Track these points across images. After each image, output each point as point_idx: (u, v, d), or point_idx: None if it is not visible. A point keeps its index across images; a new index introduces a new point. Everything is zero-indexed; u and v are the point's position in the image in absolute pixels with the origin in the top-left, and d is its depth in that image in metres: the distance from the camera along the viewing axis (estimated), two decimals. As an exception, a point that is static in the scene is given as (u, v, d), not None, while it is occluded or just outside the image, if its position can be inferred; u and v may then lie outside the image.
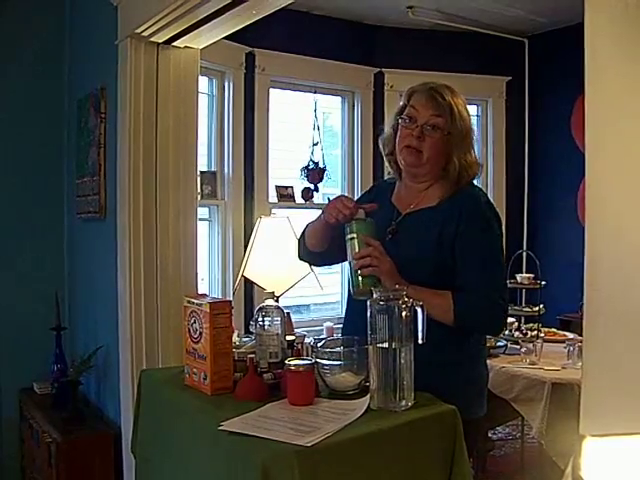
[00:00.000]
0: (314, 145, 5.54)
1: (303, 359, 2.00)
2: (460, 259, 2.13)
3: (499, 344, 3.98)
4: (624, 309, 1.14)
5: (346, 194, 2.41)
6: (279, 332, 2.11)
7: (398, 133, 2.27)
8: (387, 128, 2.38)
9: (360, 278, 2.09)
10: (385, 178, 2.58)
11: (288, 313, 2.58)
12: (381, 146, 2.42)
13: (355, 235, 2.09)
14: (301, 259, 2.58)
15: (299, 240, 2.51)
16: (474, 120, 6.26)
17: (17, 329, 4.00)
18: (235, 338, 2.22)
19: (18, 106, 4.07)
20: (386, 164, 2.44)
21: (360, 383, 2.01)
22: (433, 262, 2.13)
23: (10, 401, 4.06)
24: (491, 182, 6.11)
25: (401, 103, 2.32)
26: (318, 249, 2.41)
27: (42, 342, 3.88)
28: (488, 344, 2.92)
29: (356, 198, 2.46)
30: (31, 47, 4.09)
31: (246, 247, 4.61)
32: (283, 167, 5.64)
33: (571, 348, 3.69)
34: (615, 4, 1.17)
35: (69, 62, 4.19)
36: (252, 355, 2.07)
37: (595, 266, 1.19)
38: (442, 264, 2.12)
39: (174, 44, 3.29)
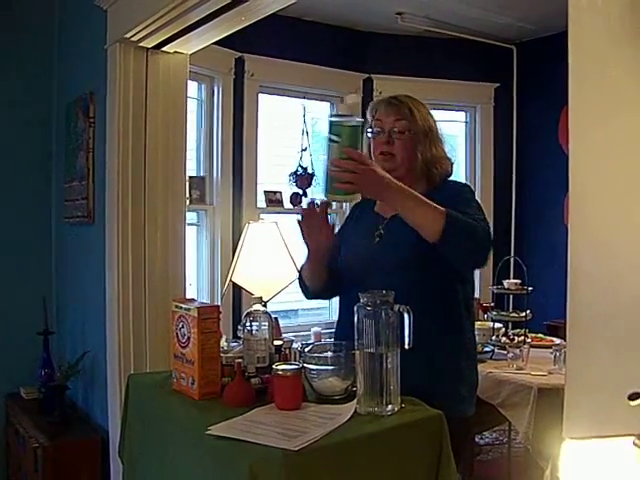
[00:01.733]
0: (303, 150, 5.55)
1: (290, 364, 2.00)
2: None
3: (486, 349, 3.99)
4: (605, 313, 1.16)
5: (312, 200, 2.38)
6: (267, 337, 2.11)
7: (371, 146, 2.36)
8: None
9: (333, 186, 2.00)
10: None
11: (276, 318, 2.58)
12: None
13: (338, 141, 1.94)
14: (312, 299, 2.61)
15: (300, 285, 2.53)
16: (462, 126, 6.30)
17: (4, 333, 3.98)
18: (223, 343, 2.23)
19: (6, 109, 4.06)
20: None
21: (347, 388, 2.02)
22: (421, 257, 2.13)
23: (-4, 406, 4.05)
24: (479, 188, 6.12)
25: (368, 120, 2.40)
26: (322, 285, 2.43)
27: (29, 346, 3.87)
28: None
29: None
30: (20, 51, 4.09)
31: (234, 252, 4.61)
32: (272, 172, 5.64)
33: (558, 353, 3.71)
34: (597, 17, 1.19)
35: (58, 66, 4.18)
36: (240, 360, 2.08)
37: (577, 270, 1.20)
38: (430, 258, 2.12)
39: (163, 49, 3.30)
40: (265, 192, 5.42)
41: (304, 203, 2.58)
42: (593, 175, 1.22)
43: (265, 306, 2.23)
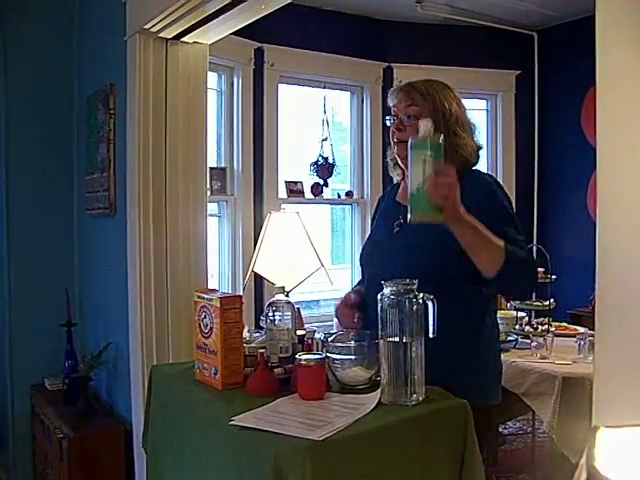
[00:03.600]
0: (323, 140, 5.55)
1: (314, 354, 1.99)
2: None
3: (509, 339, 3.97)
4: (636, 299, 1.14)
5: (347, 296, 2.37)
6: (290, 327, 2.11)
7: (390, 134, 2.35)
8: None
9: (427, 201, 1.86)
10: (365, 198, 2.66)
11: (298, 308, 2.58)
12: (388, 159, 2.52)
13: (429, 156, 1.85)
14: None
15: None
16: (484, 114, 6.25)
17: (28, 325, 4.02)
18: (245, 333, 2.22)
19: (27, 103, 4.08)
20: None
21: (371, 377, 2.00)
22: (443, 245, 2.10)
23: (22, 397, 4.08)
24: (501, 176, 6.08)
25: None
26: None
27: (53, 338, 3.90)
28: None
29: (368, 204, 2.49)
30: (40, 44, 4.10)
31: (256, 242, 4.61)
32: (292, 162, 5.65)
33: (582, 342, 3.68)
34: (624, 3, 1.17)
35: (78, 59, 4.19)
36: (263, 350, 2.07)
37: (607, 258, 1.18)
38: (450, 250, 2.09)
39: (183, 40, 3.29)
40: (286, 182, 5.42)
41: (342, 295, 2.58)
42: (621, 160, 1.19)
43: (287, 296, 2.22)
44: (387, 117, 2.36)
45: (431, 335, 1.86)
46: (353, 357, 2.01)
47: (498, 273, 2.01)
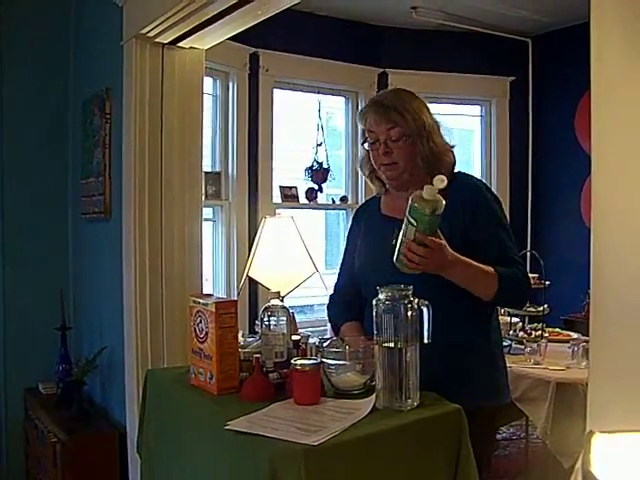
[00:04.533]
0: (318, 145, 5.55)
1: (309, 359, 2.00)
2: (477, 244, 2.15)
3: (503, 344, 3.97)
4: (630, 305, 1.15)
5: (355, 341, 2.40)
6: (285, 332, 2.11)
7: (370, 156, 2.31)
8: (361, 151, 2.42)
9: (402, 263, 2.01)
10: (360, 204, 2.64)
11: (292, 313, 2.58)
12: (359, 169, 2.47)
13: (415, 225, 1.95)
14: None
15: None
16: (478, 120, 6.28)
17: (22, 329, 4.01)
18: (240, 338, 2.23)
19: (23, 107, 4.08)
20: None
21: (366, 383, 2.01)
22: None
23: (15, 401, 4.07)
24: (495, 182, 6.11)
25: (360, 129, 2.36)
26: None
27: (47, 342, 3.89)
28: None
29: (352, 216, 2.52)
30: (36, 48, 4.10)
31: (250, 247, 4.61)
32: (287, 167, 5.65)
33: (575, 348, 3.69)
34: (622, 4, 1.18)
35: (74, 63, 4.20)
36: (258, 355, 2.08)
37: (601, 264, 1.19)
38: (456, 247, 2.10)
39: (179, 45, 3.30)
40: (280, 187, 5.43)
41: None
42: (616, 165, 1.20)
43: (282, 301, 2.23)
44: (364, 142, 2.31)
45: (426, 341, 1.88)
46: (348, 362, 2.02)
47: (494, 297, 2.11)
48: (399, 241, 2.01)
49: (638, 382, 1.11)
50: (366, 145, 2.30)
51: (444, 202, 1.92)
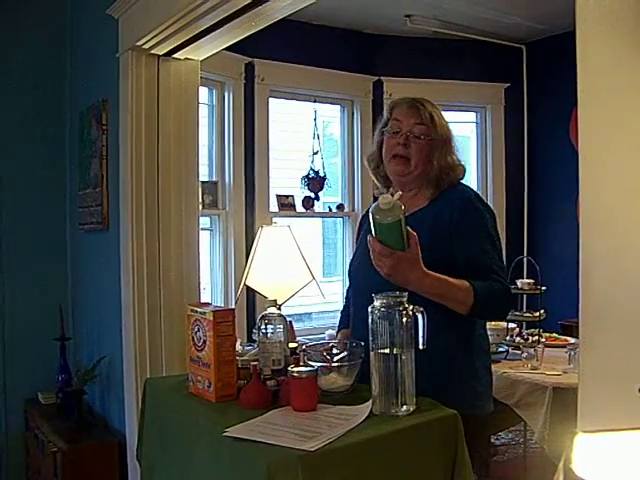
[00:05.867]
0: (314, 154, 5.57)
1: (305, 366, 2.02)
2: (460, 250, 2.18)
3: (500, 350, 3.99)
4: (617, 308, 1.17)
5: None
6: (282, 339, 2.13)
7: (384, 145, 2.36)
8: (371, 145, 2.47)
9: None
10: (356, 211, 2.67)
11: (290, 321, 2.59)
12: (367, 163, 2.53)
13: (375, 234, 2.01)
14: None
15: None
16: (473, 127, 6.30)
17: (22, 340, 4.02)
18: (238, 346, 2.25)
19: (20, 119, 4.10)
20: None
21: (352, 384, 2.04)
22: (428, 258, 2.14)
23: (15, 411, 4.08)
24: (491, 188, 6.13)
25: (384, 117, 2.41)
26: None
27: (46, 352, 3.90)
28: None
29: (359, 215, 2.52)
30: (32, 60, 4.12)
31: (247, 256, 4.63)
32: (284, 176, 5.67)
33: (572, 353, 3.71)
34: (605, 14, 1.20)
35: (70, 75, 4.22)
36: (256, 362, 2.10)
37: (590, 269, 1.21)
38: (437, 258, 2.13)
39: (175, 56, 3.32)
40: (277, 196, 5.44)
41: (333, 307, 2.69)
42: (604, 171, 1.23)
43: (280, 309, 2.25)
44: (384, 128, 2.36)
45: (421, 347, 1.89)
46: (326, 364, 2.07)
47: (469, 311, 2.11)
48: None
49: (627, 383, 1.13)
50: (385, 132, 2.34)
51: (401, 214, 1.95)
